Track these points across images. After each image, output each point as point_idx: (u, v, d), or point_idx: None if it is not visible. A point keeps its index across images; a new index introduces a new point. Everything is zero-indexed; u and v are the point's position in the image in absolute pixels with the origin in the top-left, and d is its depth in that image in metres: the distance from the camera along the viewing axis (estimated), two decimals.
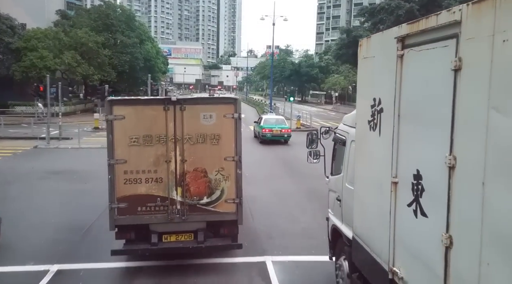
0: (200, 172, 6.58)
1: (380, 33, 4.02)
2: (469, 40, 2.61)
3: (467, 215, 2.62)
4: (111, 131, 6.42)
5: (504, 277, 2.33)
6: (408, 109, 3.39)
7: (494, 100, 2.38)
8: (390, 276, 3.61)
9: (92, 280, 6.74)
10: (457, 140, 2.72)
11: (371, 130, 4.08)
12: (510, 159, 2.27)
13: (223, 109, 6.58)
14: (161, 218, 6.61)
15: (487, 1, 2.45)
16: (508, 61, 2.28)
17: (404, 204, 3.38)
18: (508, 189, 2.29)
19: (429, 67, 3.07)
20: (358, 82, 4.52)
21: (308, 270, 6.91)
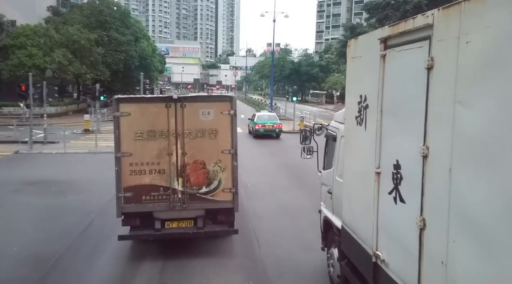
0: (199, 164, 7.22)
1: (366, 34, 4.35)
2: (439, 42, 2.93)
3: (437, 198, 2.95)
4: (118, 127, 7.06)
5: (468, 252, 2.65)
6: (389, 105, 3.71)
7: (459, 95, 2.71)
8: (373, 260, 3.94)
9: None
10: (429, 132, 3.05)
11: (358, 125, 4.41)
12: (472, 147, 2.59)
13: (220, 106, 7.23)
14: (163, 206, 7.25)
15: (454, 7, 2.77)
16: (470, 60, 2.61)
17: (386, 192, 3.71)
18: (470, 174, 2.62)
19: (407, 66, 3.39)
20: (347, 80, 4.85)
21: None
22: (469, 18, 2.63)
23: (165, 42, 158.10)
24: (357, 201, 4.51)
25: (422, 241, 3.15)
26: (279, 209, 10.43)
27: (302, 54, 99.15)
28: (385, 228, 3.79)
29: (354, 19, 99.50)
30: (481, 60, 2.51)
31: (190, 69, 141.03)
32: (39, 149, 19.93)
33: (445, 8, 2.88)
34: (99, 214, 9.76)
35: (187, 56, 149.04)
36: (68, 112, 38.92)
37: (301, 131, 6.85)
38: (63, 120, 31.57)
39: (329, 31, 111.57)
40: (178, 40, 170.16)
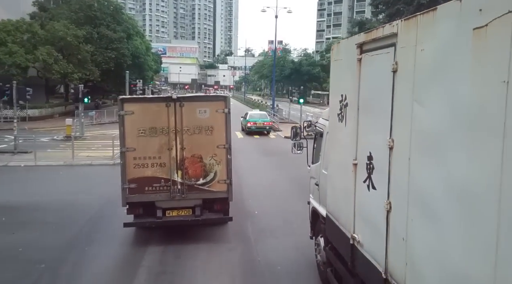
0: (197, 158, 8.04)
1: (346, 40, 4.88)
2: (402, 48, 3.46)
3: (400, 184, 3.47)
4: (123, 124, 7.90)
5: (421, 228, 3.17)
6: (364, 103, 4.24)
7: (416, 95, 3.23)
8: (351, 242, 4.46)
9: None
10: (394, 126, 3.57)
11: (340, 121, 4.93)
12: (424, 139, 3.12)
13: (216, 105, 8.06)
14: (164, 196, 8.10)
15: (412, 19, 3.30)
16: (424, 65, 3.14)
17: (361, 181, 4.24)
18: (423, 162, 3.14)
19: (378, 69, 3.91)
20: (330, 81, 5.37)
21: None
22: (423, 29, 3.16)
23: (163, 42, 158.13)
24: (339, 191, 5.04)
25: (388, 221, 3.67)
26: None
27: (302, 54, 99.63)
28: (360, 213, 4.32)
29: (356, 18, 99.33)
30: (431, 65, 3.03)
31: (188, 69, 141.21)
32: (6, 160, 17.00)
33: (406, 20, 3.40)
34: (50, 267, 7.09)
35: (185, 56, 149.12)
36: (54, 114, 36.36)
37: (292, 128, 7.42)
38: (47, 124, 29.80)
39: (330, 30, 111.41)
40: (176, 40, 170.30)
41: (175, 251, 7.87)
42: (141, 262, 7.34)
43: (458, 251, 2.71)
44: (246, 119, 28.34)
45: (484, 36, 2.45)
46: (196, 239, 8.44)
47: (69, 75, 35.41)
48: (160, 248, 8.00)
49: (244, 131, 28.31)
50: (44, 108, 35.90)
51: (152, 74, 63.25)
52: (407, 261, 3.33)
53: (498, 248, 2.34)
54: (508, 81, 2.26)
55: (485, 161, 2.44)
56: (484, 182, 2.45)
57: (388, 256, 3.67)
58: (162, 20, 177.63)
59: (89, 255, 7.67)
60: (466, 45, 2.60)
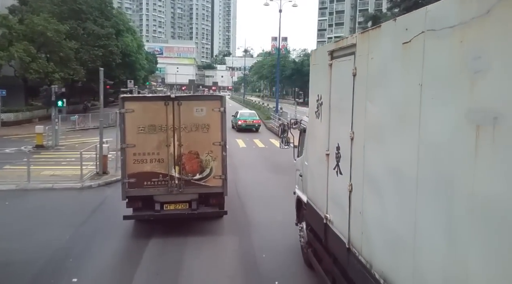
0: (194, 154, 8.73)
1: (321, 47, 5.74)
2: (359, 56, 4.31)
3: (357, 168, 4.31)
4: (123, 122, 8.54)
5: (371, 202, 4.01)
6: (334, 102, 5.09)
7: (368, 94, 4.08)
8: (324, 221, 5.30)
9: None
10: (354, 121, 4.41)
11: (317, 118, 5.78)
12: (372, 130, 3.96)
13: (212, 104, 8.76)
14: (162, 191, 8.73)
15: (365, 33, 4.15)
16: (372, 70, 3.98)
17: (332, 168, 5.08)
18: (372, 148, 3.98)
19: (343, 73, 4.76)
20: (310, 83, 6.21)
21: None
22: (372, 42, 4.01)
23: (159, 42, 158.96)
24: (316, 179, 5.88)
25: (350, 200, 4.51)
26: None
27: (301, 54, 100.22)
28: (331, 195, 5.16)
29: (358, 17, 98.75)
30: (377, 71, 3.88)
31: (185, 69, 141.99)
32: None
33: (362, 33, 4.26)
34: None
35: (182, 56, 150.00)
36: (33, 119, 32.14)
37: (280, 125, 8.27)
38: (22, 130, 26.26)
39: (332, 29, 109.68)
40: (173, 40, 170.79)
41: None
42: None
43: (393, 217, 3.56)
44: (236, 118, 30.34)
45: (409, 49, 3.30)
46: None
47: (50, 74, 31.85)
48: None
49: (235, 128, 30.01)
50: (21, 112, 32.03)
51: (144, 73, 59.67)
52: (362, 230, 4.17)
53: (417, 212, 3.18)
54: (421, 84, 3.11)
55: (409, 145, 3.28)
56: (407, 162, 3.28)
57: (350, 229, 4.51)
58: (159, 20, 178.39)
59: None
60: (398, 55, 3.45)
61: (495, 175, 2.37)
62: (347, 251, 4.56)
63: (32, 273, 7.05)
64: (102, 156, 14.42)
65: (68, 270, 7.19)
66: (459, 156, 2.67)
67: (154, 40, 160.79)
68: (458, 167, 2.68)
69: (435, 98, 2.96)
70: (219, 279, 6.99)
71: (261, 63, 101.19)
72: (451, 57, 2.79)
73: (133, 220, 9.38)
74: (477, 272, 2.52)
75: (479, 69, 2.51)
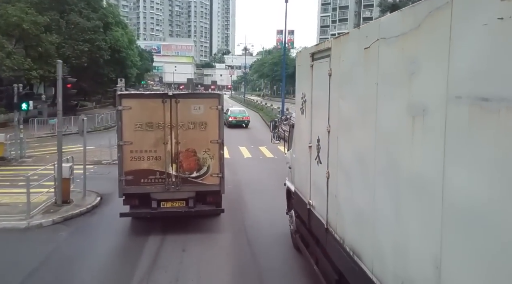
0: (191, 152, 8.97)
1: (304, 49, 6.47)
2: (333, 59, 5.03)
3: (333, 157, 5.03)
4: (121, 119, 8.78)
5: (343, 186, 4.72)
6: (315, 99, 5.81)
7: (340, 92, 4.79)
8: (308, 207, 6.03)
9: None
10: (330, 115, 5.13)
11: (301, 114, 6.50)
12: (344, 123, 4.68)
13: (209, 102, 9.01)
14: (159, 188, 8.93)
15: (338, 38, 4.87)
16: (343, 71, 4.70)
17: (314, 158, 5.80)
18: (344, 139, 4.69)
19: (321, 73, 5.48)
20: (296, 81, 6.93)
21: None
22: (343, 46, 4.73)
23: (157, 40, 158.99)
24: (301, 169, 6.61)
25: (328, 186, 5.24)
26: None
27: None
28: (313, 183, 5.88)
29: (363, 12, 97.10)
30: (346, 71, 4.60)
31: (183, 68, 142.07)
32: None
33: (335, 38, 4.98)
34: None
35: (180, 54, 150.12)
36: (8, 122, 27.09)
37: (271, 121, 9.01)
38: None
39: (336, 25, 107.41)
40: (171, 38, 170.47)
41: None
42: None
43: (358, 196, 4.28)
44: (227, 114, 32.06)
45: (368, 53, 4.02)
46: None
47: (27, 72, 28.69)
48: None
49: (226, 125, 31.06)
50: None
51: (137, 71, 54.42)
52: (336, 211, 4.90)
53: (375, 190, 3.89)
54: (377, 83, 3.82)
55: (368, 134, 3.99)
56: (368, 148, 4.00)
57: (328, 211, 5.23)
58: (156, 18, 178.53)
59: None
60: (361, 58, 4.17)
61: (424, 154, 3.09)
62: (326, 231, 5.28)
63: None
64: (62, 180, 10.78)
65: None
66: (401, 141, 3.39)
67: (151, 38, 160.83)
68: (401, 150, 3.40)
69: (386, 95, 3.68)
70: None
71: (261, 61, 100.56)
72: (396, 61, 3.50)
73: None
74: (416, 238, 3.22)
75: (413, 71, 3.22)
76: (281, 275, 7.20)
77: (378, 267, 3.85)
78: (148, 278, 7.09)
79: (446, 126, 2.81)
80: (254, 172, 15.73)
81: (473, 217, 2.54)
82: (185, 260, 7.82)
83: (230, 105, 53.48)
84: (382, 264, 3.77)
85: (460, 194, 2.67)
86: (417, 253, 3.20)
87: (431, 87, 3.00)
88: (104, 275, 7.32)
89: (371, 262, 3.97)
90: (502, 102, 2.33)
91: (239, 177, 13.79)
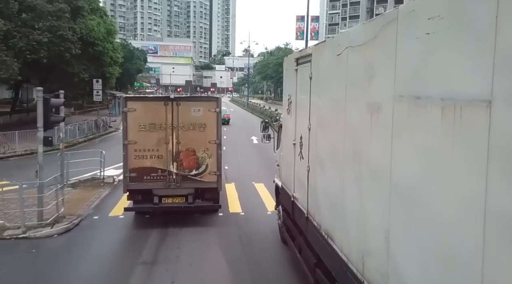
0: (191, 151, 9.96)
1: (290, 55, 7.23)
2: (313, 64, 5.79)
3: (312, 151, 5.77)
4: (126, 120, 9.77)
5: (320, 177, 5.46)
6: (299, 100, 6.56)
7: (318, 94, 5.54)
8: (292, 199, 6.76)
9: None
10: (311, 115, 5.88)
11: (288, 114, 7.25)
12: (321, 120, 5.42)
13: (208, 105, 10.04)
14: (161, 185, 9.91)
15: (317, 46, 5.64)
16: (321, 75, 5.45)
17: (297, 154, 6.54)
18: (320, 134, 5.44)
19: (304, 77, 6.23)
20: (283, 84, 7.68)
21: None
22: (321, 52, 5.49)
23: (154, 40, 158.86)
24: (287, 165, 7.35)
25: (308, 178, 5.97)
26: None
27: None
28: (297, 177, 6.62)
29: (376, 8, 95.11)
30: (323, 75, 5.36)
31: (182, 69, 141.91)
32: None
33: (315, 45, 5.75)
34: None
35: (178, 55, 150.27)
36: None
37: (262, 122, 9.77)
38: None
39: (346, 23, 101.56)
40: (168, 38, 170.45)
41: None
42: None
43: (332, 184, 5.02)
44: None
45: (340, 59, 4.77)
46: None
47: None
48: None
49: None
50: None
51: (119, 70, 44.03)
52: (315, 200, 5.63)
53: (344, 177, 4.62)
54: (346, 86, 4.57)
55: (340, 130, 4.74)
56: (339, 142, 4.74)
57: (308, 201, 5.97)
58: (154, 18, 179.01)
59: None
60: (334, 64, 4.93)
61: (378, 145, 3.83)
62: (306, 220, 6.01)
63: None
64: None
65: None
66: (363, 135, 4.13)
67: (149, 39, 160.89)
68: (363, 142, 4.14)
69: (352, 96, 4.43)
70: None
71: (265, 62, 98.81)
72: (359, 67, 4.25)
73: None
74: (372, 216, 3.95)
75: (371, 75, 3.97)
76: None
77: (346, 246, 4.58)
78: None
79: (393, 120, 3.55)
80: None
81: (410, 193, 3.28)
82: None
83: (231, 110, 53.11)
84: (348, 243, 4.50)
85: (401, 175, 3.41)
86: (373, 228, 3.93)
87: (383, 88, 3.74)
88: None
89: (341, 242, 4.70)
90: (428, 99, 3.07)
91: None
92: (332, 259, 4.96)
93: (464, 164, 2.66)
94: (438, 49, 2.96)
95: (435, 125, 2.94)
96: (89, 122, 29.08)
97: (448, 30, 2.86)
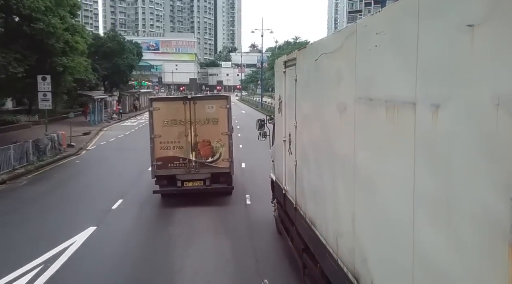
0: (206, 142, 12.33)
1: (281, 57, 8.03)
2: (298, 67, 6.60)
3: (299, 147, 6.59)
4: (152, 117, 12.29)
5: (304, 169, 6.26)
6: (287, 100, 7.38)
7: (302, 94, 6.35)
8: (283, 192, 7.59)
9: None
10: (297, 114, 6.69)
11: (279, 113, 8.08)
12: (304, 118, 6.23)
13: (220, 103, 12.46)
14: (183, 171, 12.46)
15: (302, 50, 6.45)
16: (304, 77, 6.26)
17: (287, 150, 7.37)
18: (305, 131, 6.24)
19: (291, 79, 7.04)
20: (275, 85, 8.51)
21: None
22: (304, 57, 6.30)
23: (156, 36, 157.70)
24: (279, 161, 8.18)
25: (296, 171, 6.79)
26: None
27: None
28: (287, 171, 7.45)
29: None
30: (305, 77, 6.17)
31: (185, 67, 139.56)
32: None
33: (299, 50, 6.56)
34: None
35: (182, 51, 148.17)
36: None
37: (257, 120, 10.63)
38: None
39: (370, 8, 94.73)
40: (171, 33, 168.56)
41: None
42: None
43: (313, 175, 5.83)
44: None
45: (317, 64, 5.58)
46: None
47: None
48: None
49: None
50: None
51: (85, 61, 30.99)
52: (301, 192, 6.46)
53: (322, 168, 5.43)
54: (322, 88, 5.38)
55: (318, 127, 5.54)
56: (318, 138, 5.55)
57: (296, 192, 6.79)
58: (156, 13, 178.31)
59: None
60: (313, 68, 5.74)
61: (345, 140, 4.63)
62: (295, 210, 6.83)
63: None
64: None
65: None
66: (334, 132, 4.94)
67: (151, 35, 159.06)
68: (335, 138, 4.95)
69: (327, 97, 5.24)
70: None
71: (276, 56, 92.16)
72: (331, 71, 5.06)
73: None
74: (343, 201, 4.75)
75: (340, 79, 4.78)
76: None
77: (324, 230, 5.39)
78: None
79: (355, 119, 4.36)
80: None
81: (368, 181, 4.08)
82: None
83: (243, 111, 49.71)
84: (326, 227, 5.31)
85: (362, 166, 4.22)
86: (343, 213, 4.74)
87: (348, 91, 4.54)
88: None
89: (321, 228, 5.51)
90: (377, 101, 3.87)
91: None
92: (315, 243, 5.78)
93: (399, 156, 3.46)
94: (383, 59, 3.76)
95: (382, 124, 3.74)
96: (22, 145, 18.58)
97: (389, 44, 3.65)
